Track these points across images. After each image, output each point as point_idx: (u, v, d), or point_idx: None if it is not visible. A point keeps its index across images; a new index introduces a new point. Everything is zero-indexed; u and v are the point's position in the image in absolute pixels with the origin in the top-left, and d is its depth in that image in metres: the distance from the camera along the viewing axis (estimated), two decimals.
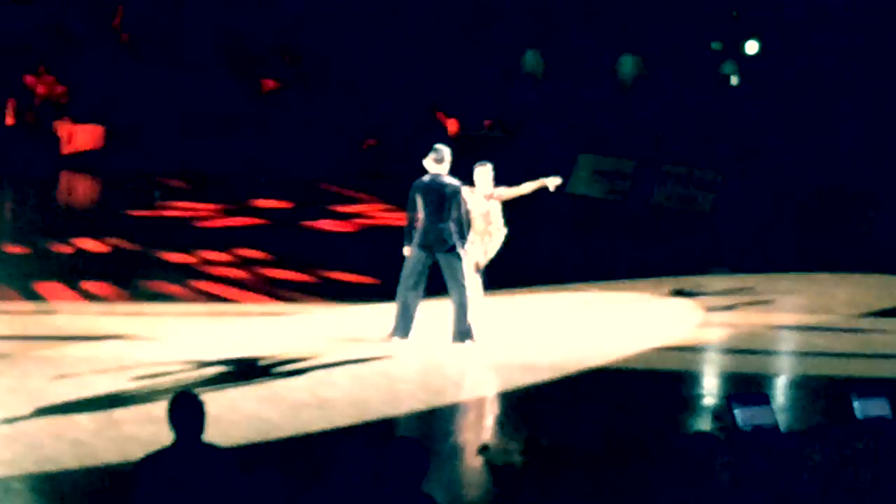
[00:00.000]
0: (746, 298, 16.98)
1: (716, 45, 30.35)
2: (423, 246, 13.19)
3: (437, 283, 13.58)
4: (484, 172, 13.77)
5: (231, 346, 13.35)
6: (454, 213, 13.16)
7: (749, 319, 15.68)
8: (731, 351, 14.26)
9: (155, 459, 6.80)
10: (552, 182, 14.06)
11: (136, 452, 9.38)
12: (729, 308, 16.36)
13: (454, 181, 13.25)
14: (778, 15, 28.43)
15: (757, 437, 8.29)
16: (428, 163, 13.28)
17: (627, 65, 30.77)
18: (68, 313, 14.73)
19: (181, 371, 12.30)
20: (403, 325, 13.32)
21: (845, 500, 8.22)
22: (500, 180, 13.98)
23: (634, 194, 26.33)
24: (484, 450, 10.41)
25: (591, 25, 30.02)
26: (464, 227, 13.25)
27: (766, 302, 16.87)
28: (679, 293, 17.14)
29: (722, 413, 8.48)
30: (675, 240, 22.60)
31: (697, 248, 21.60)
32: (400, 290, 13.29)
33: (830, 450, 8.54)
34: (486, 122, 29.93)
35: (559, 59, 30.79)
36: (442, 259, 13.23)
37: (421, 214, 13.19)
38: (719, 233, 23.24)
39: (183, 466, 6.69)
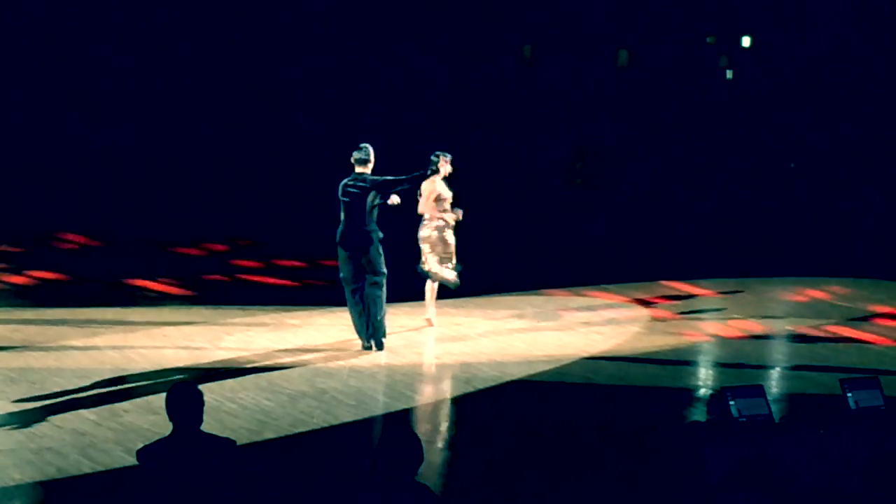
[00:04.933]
0: (739, 299, 17.02)
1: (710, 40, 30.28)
2: (344, 247, 12.75)
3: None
4: (447, 161, 13.88)
5: (230, 338, 13.43)
6: (373, 215, 12.63)
7: (743, 318, 15.76)
8: (724, 346, 14.34)
9: (154, 449, 6.85)
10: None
11: (136, 442, 9.49)
12: (723, 307, 16.45)
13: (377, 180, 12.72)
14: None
15: (751, 427, 8.36)
16: (353, 162, 12.81)
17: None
18: (70, 306, 14.81)
19: (180, 362, 12.37)
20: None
21: (840, 488, 8.30)
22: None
23: None
24: (480, 441, 10.49)
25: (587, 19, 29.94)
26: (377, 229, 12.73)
27: (759, 302, 16.94)
28: (672, 295, 17.25)
29: (716, 404, 8.54)
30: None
31: (689, 252, 21.54)
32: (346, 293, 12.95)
33: (823, 439, 8.62)
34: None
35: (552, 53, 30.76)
36: (364, 259, 12.74)
37: (342, 215, 12.78)
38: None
39: (182, 456, 6.75)
